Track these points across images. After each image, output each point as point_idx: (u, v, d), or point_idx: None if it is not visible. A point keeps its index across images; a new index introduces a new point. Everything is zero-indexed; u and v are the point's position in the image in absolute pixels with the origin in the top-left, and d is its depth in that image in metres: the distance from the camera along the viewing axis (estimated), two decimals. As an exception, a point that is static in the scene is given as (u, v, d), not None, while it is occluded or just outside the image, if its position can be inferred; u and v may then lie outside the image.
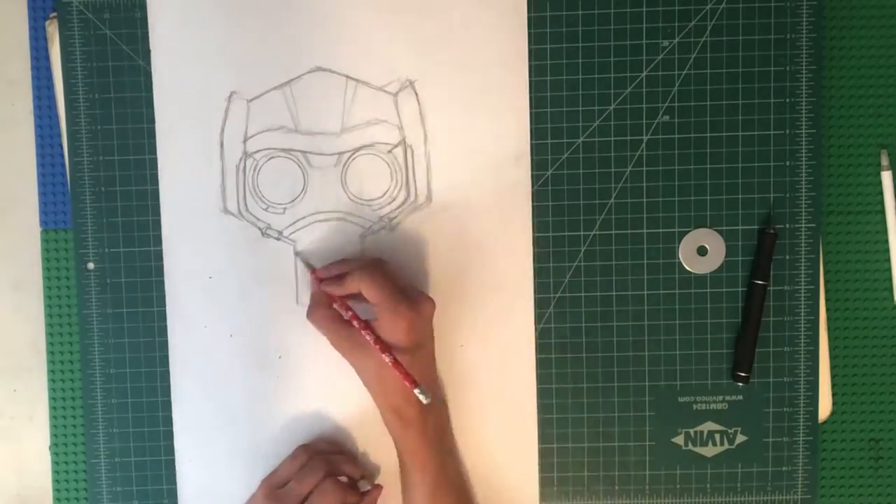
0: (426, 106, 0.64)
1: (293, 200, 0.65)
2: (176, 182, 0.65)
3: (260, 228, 0.65)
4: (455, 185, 0.65)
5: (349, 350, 0.60)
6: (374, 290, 0.59)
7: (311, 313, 0.61)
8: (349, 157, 0.64)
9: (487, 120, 0.64)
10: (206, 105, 0.64)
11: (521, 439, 0.65)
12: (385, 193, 0.65)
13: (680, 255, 0.65)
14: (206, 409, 0.66)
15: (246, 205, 0.65)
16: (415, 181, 0.65)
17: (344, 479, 0.63)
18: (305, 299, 0.65)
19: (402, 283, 0.61)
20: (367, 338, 0.59)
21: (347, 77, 0.64)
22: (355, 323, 0.60)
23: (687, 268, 0.65)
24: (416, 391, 0.58)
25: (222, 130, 0.64)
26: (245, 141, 0.64)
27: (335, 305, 0.61)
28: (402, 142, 0.64)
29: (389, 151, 0.64)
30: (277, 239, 0.65)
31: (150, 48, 0.64)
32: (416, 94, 0.64)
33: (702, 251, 0.65)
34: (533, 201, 0.65)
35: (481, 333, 0.65)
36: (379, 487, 0.64)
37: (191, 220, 0.65)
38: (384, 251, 0.65)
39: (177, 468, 0.66)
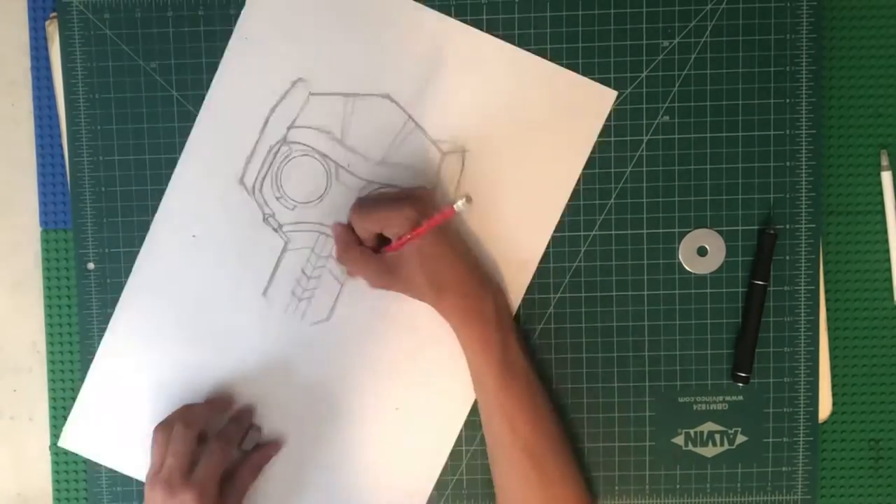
0: (467, 177, 0.64)
1: (306, 203, 0.65)
2: (207, 138, 0.65)
3: (264, 213, 0.65)
4: None
5: (390, 276, 0.60)
6: (368, 219, 0.60)
7: (344, 255, 0.62)
8: (375, 189, 0.64)
9: (521, 207, 0.64)
10: (269, 80, 0.64)
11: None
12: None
13: (680, 256, 0.65)
14: (137, 348, 0.66)
15: (262, 185, 0.65)
16: None
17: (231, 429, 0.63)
18: (273, 291, 0.65)
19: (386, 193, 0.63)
20: (397, 239, 0.60)
21: (410, 117, 0.64)
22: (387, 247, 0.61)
23: (687, 268, 0.65)
24: (456, 204, 0.58)
25: (273, 109, 0.64)
26: (290, 128, 0.64)
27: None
28: None
29: None
30: (275, 230, 0.65)
31: (245, 7, 0.64)
32: (463, 164, 0.64)
33: (702, 251, 0.65)
34: (533, 202, 0.65)
35: None
36: (276, 444, 0.65)
37: (204, 177, 0.65)
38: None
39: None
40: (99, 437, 0.66)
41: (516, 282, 0.65)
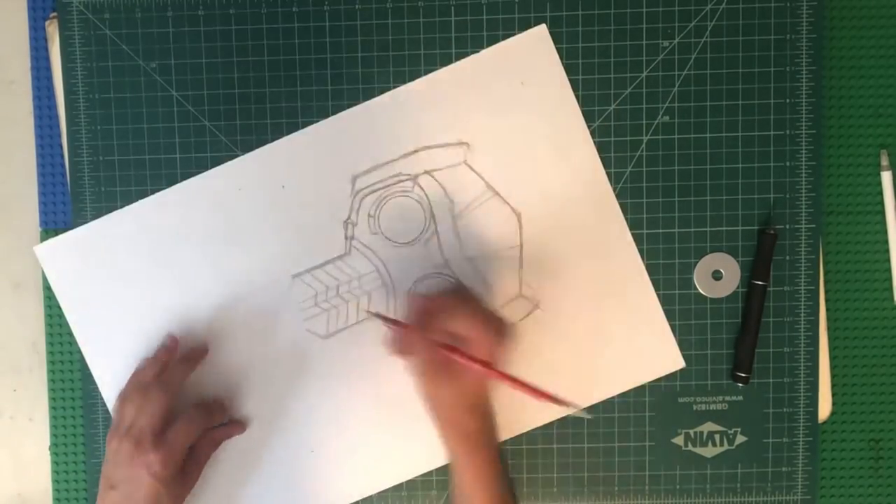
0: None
1: (391, 240, 0.65)
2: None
3: (350, 217, 0.65)
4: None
5: (435, 376, 0.57)
6: (468, 322, 0.56)
7: (414, 341, 0.58)
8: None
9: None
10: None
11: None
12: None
13: (695, 281, 0.65)
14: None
15: (362, 202, 0.65)
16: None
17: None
18: (301, 281, 0.65)
19: (485, 307, 0.59)
20: (480, 367, 0.56)
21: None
22: (458, 356, 0.57)
23: (703, 292, 0.65)
24: (576, 411, 0.55)
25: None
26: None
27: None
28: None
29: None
30: (346, 238, 0.65)
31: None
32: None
33: (717, 275, 0.65)
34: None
35: None
36: (240, 424, 0.64)
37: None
38: None
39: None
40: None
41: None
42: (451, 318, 0.57)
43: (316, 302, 0.65)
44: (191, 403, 0.62)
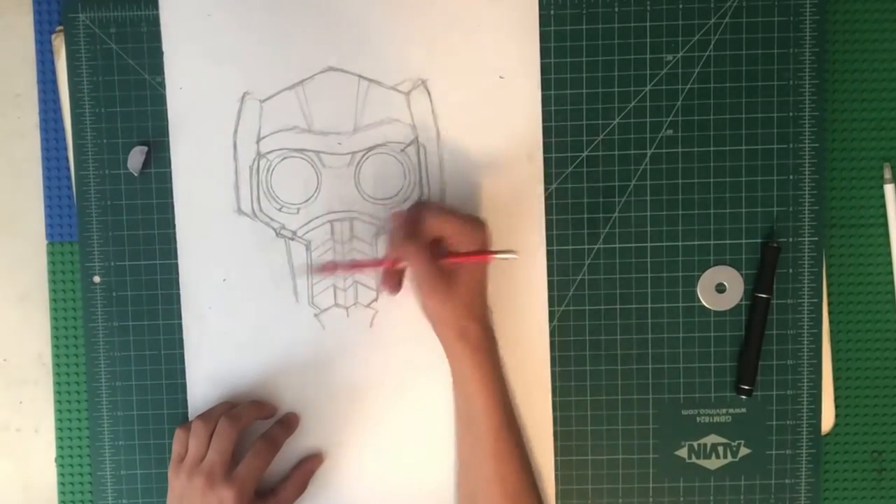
0: (438, 104, 0.64)
1: (307, 200, 0.65)
2: (190, 184, 0.65)
3: (274, 229, 0.65)
4: (468, 183, 0.65)
5: (444, 284, 0.58)
6: (445, 220, 0.58)
7: (403, 245, 0.58)
8: (362, 157, 0.65)
9: (499, 118, 0.64)
10: (219, 106, 0.65)
11: (536, 438, 0.66)
12: (398, 192, 0.65)
13: (699, 293, 0.65)
14: None
15: (260, 205, 0.65)
16: (428, 180, 0.65)
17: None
18: (318, 299, 0.65)
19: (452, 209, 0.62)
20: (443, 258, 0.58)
21: (360, 77, 0.64)
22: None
23: (707, 305, 0.65)
24: (502, 254, 0.58)
25: (235, 131, 0.65)
26: (258, 141, 0.65)
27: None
28: (415, 140, 0.65)
29: (402, 150, 0.65)
30: (291, 239, 0.65)
31: (163, 50, 0.64)
32: (429, 92, 0.64)
33: (720, 288, 0.65)
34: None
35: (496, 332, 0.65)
36: (318, 457, 0.64)
37: (205, 221, 0.65)
38: None
39: None
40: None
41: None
42: (430, 224, 0.58)
43: (341, 288, 0.65)
44: (256, 438, 0.62)
